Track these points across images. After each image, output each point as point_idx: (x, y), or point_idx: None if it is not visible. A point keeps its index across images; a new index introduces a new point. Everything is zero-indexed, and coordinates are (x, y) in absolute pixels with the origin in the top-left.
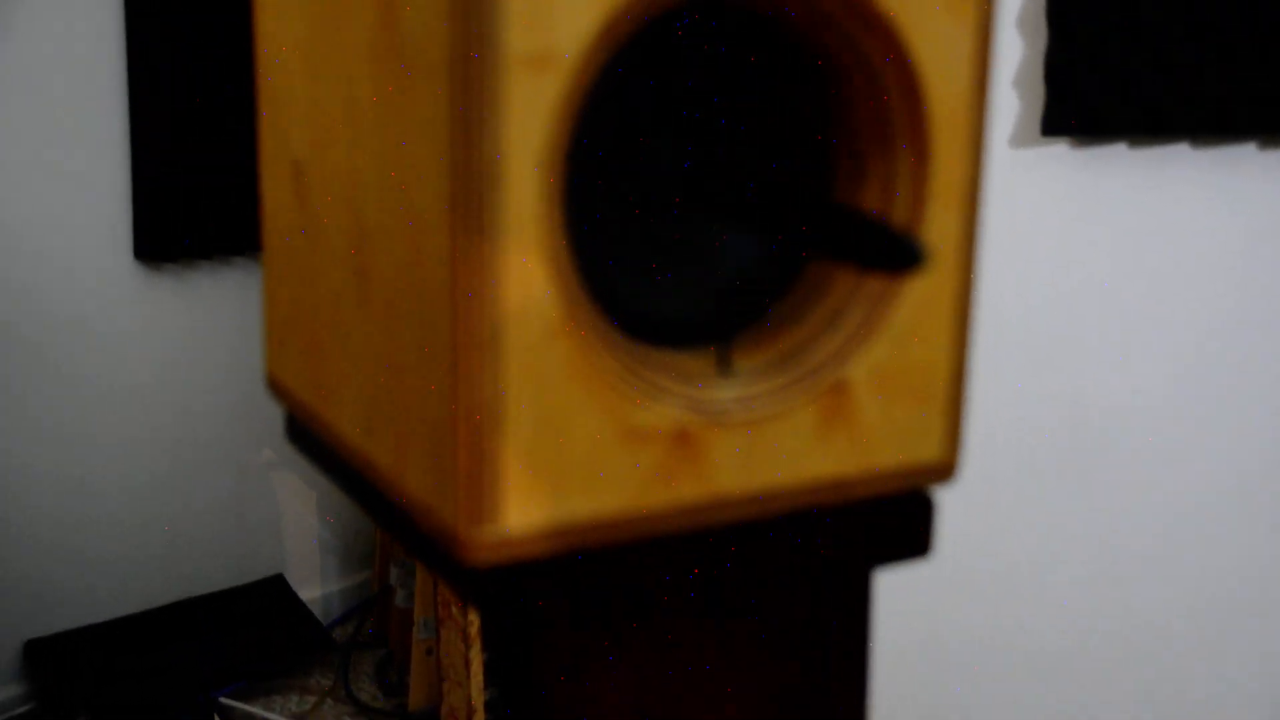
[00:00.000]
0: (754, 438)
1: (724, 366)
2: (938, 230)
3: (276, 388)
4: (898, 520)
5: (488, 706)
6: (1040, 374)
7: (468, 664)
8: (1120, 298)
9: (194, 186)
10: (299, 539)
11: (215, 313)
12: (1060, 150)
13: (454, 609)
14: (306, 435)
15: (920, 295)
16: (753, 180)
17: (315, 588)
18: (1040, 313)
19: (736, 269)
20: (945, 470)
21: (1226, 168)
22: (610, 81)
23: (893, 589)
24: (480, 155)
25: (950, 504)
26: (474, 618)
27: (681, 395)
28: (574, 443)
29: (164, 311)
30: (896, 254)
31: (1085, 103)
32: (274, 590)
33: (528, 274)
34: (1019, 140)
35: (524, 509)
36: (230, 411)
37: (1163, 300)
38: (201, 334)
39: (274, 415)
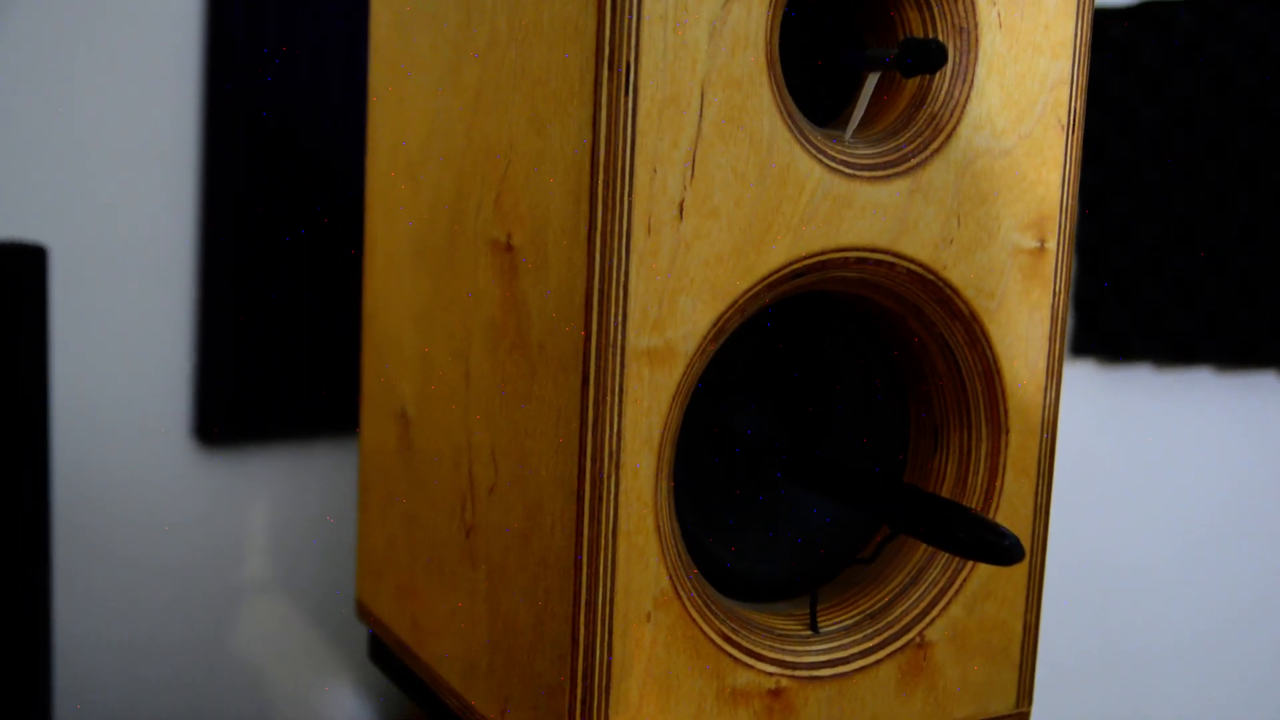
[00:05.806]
0: (841, 693)
1: (813, 623)
2: (1012, 498)
3: (366, 616)
4: None
5: None
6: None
7: None
8: (1140, 508)
9: (255, 374)
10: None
11: (271, 499)
12: (1087, 369)
13: None
14: (392, 660)
15: None
16: (846, 459)
17: None
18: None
19: (824, 530)
20: None
21: (1248, 393)
22: (714, 364)
23: None
24: (604, 439)
25: None
26: None
27: (776, 657)
28: (678, 705)
29: (220, 495)
30: (997, 551)
31: (1112, 328)
32: None
33: (641, 548)
34: None
35: None
36: (277, 597)
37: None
38: (255, 520)
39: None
